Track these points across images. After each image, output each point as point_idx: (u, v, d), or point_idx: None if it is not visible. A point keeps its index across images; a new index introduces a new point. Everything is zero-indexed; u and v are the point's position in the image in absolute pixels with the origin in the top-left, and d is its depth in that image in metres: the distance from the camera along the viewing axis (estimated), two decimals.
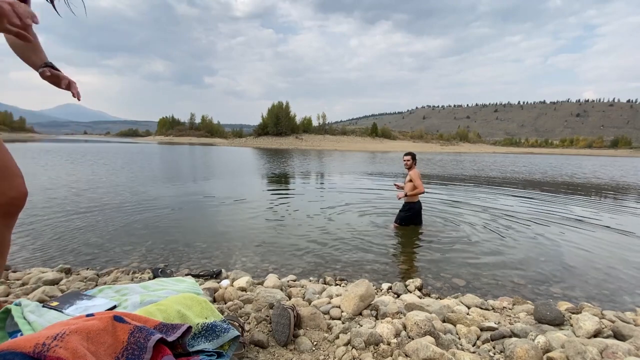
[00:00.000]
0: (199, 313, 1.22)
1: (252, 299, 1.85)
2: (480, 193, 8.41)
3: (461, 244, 3.89)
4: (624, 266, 3.36)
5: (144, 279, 2.38)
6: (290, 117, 78.10)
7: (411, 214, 4.58)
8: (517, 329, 1.69)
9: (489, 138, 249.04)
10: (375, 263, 3.25)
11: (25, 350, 0.75)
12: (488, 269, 3.16)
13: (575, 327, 1.76)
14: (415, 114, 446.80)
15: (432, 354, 1.29)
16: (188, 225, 4.45)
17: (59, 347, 0.77)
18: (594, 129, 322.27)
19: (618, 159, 48.02)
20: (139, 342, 0.88)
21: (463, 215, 5.45)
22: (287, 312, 1.46)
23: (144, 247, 3.46)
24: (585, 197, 8.49)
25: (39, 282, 2.09)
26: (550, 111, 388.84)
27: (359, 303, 1.78)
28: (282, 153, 31.92)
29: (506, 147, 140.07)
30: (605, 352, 1.42)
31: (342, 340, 1.44)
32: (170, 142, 74.21)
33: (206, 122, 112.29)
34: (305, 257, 3.35)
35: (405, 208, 4.63)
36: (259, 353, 1.33)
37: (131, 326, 0.92)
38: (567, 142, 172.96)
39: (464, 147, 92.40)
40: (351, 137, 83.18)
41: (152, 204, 5.61)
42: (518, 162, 29.28)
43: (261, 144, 63.08)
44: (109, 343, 0.86)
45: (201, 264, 3.06)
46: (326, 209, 5.79)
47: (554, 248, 3.88)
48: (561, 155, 70.90)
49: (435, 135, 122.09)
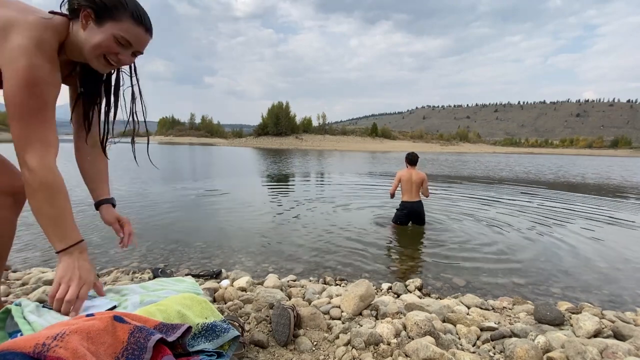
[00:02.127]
0: (199, 313, 1.22)
1: (252, 299, 1.84)
2: (484, 193, 8.41)
3: (461, 244, 3.89)
4: (624, 266, 3.36)
5: (144, 279, 2.38)
6: (290, 117, 78.18)
7: (406, 212, 4.59)
8: (517, 329, 1.69)
9: (489, 138, 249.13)
10: (375, 263, 3.25)
11: (25, 350, 0.75)
12: (488, 269, 3.16)
13: (575, 327, 1.76)
14: (415, 114, 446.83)
15: (432, 354, 1.29)
16: (188, 225, 4.45)
17: (59, 347, 0.77)
18: (594, 129, 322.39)
19: (623, 159, 48.02)
20: (139, 342, 0.88)
21: (464, 215, 5.45)
22: (287, 312, 1.46)
23: (144, 247, 3.46)
24: (597, 197, 8.48)
25: (39, 282, 2.09)
26: (550, 111, 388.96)
27: (359, 303, 1.78)
28: (282, 153, 31.93)
29: (506, 147, 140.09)
30: (605, 352, 1.42)
31: (342, 340, 1.44)
32: (170, 142, 74.20)
33: (206, 122, 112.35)
34: (305, 257, 3.35)
35: (400, 207, 4.66)
36: (259, 353, 1.33)
37: (131, 326, 0.92)
38: (567, 142, 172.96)
39: (464, 147, 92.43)
40: (351, 137, 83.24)
41: (152, 203, 5.61)
42: (523, 162, 29.29)
43: (261, 144, 63.10)
44: (109, 343, 0.86)
45: (201, 264, 3.06)
46: (326, 208, 5.79)
47: (554, 248, 3.88)
48: (564, 155, 70.91)
49: (435, 135, 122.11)
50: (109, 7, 0.97)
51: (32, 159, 0.92)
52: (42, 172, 0.93)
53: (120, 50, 1.02)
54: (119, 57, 1.03)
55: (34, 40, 0.91)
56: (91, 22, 0.98)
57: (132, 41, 1.02)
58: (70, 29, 1.01)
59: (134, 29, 1.02)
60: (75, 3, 0.99)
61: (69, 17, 1.01)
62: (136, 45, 1.05)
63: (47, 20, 0.95)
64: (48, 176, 0.95)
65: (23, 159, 0.93)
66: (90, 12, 0.97)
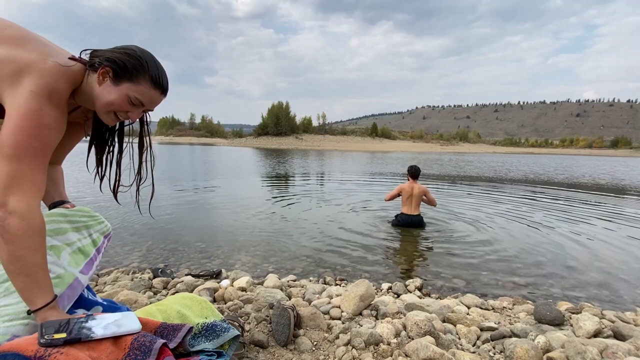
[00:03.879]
0: (199, 313, 1.22)
1: (252, 299, 1.85)
2: (485, 193, 8.41)
3: (461, 244, 3.89)
4: (625, 266, 3.36)
5: (143, 279, 2.38)
6: (290, 117, 78.19)
7: (401, 222, 4.55)
8: (517, 329, 1.69)
9: (489, 138, 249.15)
10: (375, 263, 3.25)
11: (27, 353, 0.75)
12: (488, 269, 3.16)
13: (575, 327, 1.76)
14: (415, 114, 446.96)
15: (432, 354, 1.29)
16: (188, 225, 4.45)
17: (59, 354, 0.77)
18: (594, 129, 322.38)
19: (625, 159, 47.93)
20: (142, 347, 0.88)
21: (464, 215, 5.45)
22: (287, 312, 1.46)
23: (144, 247, 3.46)
24: (608, 199, 8.49)
25: None
26: (550, 111, 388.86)
27: (359, 303, 1.78)
28: (282, 153, 31.94)
29: (506, 147, 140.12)
30: (605, 352, 1.42)
31: (342, 340, 1.44)
32: (170, 142, 74.20)
33: (206, 122, 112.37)
34: (305, 257, 3.35)
35: (399, 218, 4.63)
36: (259, 353, 1.33)
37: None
38: (567, 142, 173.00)
39: (464, 147, 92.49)
40: (351, 137, 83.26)
41: (152, 203, 5.59)
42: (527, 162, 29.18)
43: (261, 144, 63.11)
44: (110, 349, 0.86)
45: (201, 264, 3.06)
46: (326, 208, 5.79)
47: (554, 248, 3.88)
48: (565, 155, 70.89)
49: (435, 135, 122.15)
50: (129, 69, 0.96)
51: (20, 201, 0.83)
52: (31, 217, 0.85)
53: (131, 109, 1.01)
54: (128, 115, 1.02)
55: (46, 89, 0.88)
56: (108, 79, 0.97)
57: (145, 102, 1.01)
58: (85, 78, 0.99)
59: (150, 92, 1.01)
60: (96, 61, 0.97)
61: (87, 65, 0.99)
62: (148, 105, 1.04)
63: (64, 68, 0.93)
64: (38, 221, 0.87)
65: (3, 200, 0.82)
66: (109, 70, 0.96)
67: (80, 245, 1.16)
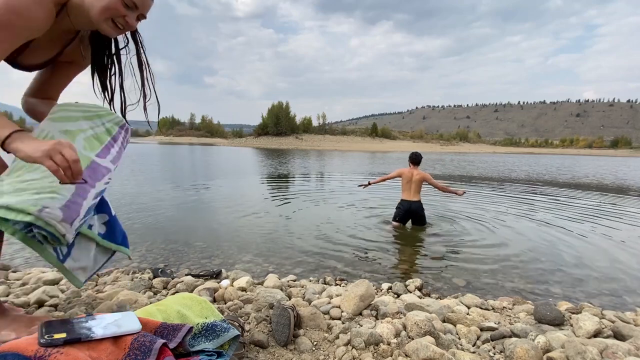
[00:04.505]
0: (199, 313, 1.22)
1: (252, 299, 1.85)
2: (487, 193, 8.41)
3: (462, 244, 3.89)
4: (625, 266, 3.36)
5: (144, 279, 2.38)
6: (290, 117, 78.16)
7: (403, 210, 4.58)
8: (517, 329, 1.69)
9: (489, 138, 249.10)
10: (375, 263, 3.25)
11: (27, 353, 0.75)
12: (488, 269, 3.16)
13: (575, 327, 1.76)
14: (415, 114, 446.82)
15: (432, 354, 1.29)
16: (188, 225, 4.45)
17: (59, 354, 0.77)
18: (594, 129, 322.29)
19: (626, 159, 47.91)
20: (142, 347, 0.88)
21: (465, 215, 5.45)
22: (287, 312, 1.46)
23: (144, 247, 3.46)
24: (607, 197, 8.48)
25: (39, 282, 2.09)
26: (550, 111, 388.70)
27: (359, 303, 1.78)
28: (282, 153, 31.94)
29: (506, 147, 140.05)
30: (605, 352, 1.42)
31: (342, 340, 1.44)
32: (170, 142, 74.22)
33: (206, 122, 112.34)
34: (305, 257, 3.35)
35: (398, 205, 4.69)
36: (259, 353, 1.33)
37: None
38: (567, 142, 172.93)
39: (464, 147, 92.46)
40: (351, 137, 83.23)
41: (151, 203, 5.61)
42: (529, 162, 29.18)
43: (261, 144, 63.10)
44: (110, 349, 0.86)
45: (201, 264, 3.06)
46: (326, 208, 5.79)
47: (554, 248, 3.88)
48: (565, 155, 70.84)
49: (435, 135, 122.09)
50: None
51: None
52: None
53: (127, 12, 1.04)
54: (126, 20, 1.05)
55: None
56: None
57: (137, 3, 1.05)
58: None
59: None
60: None
61: None
62: (141, 8, 1.07)
63: None
64: None
65: None
66: None
67: (93, 133, 1.20)
